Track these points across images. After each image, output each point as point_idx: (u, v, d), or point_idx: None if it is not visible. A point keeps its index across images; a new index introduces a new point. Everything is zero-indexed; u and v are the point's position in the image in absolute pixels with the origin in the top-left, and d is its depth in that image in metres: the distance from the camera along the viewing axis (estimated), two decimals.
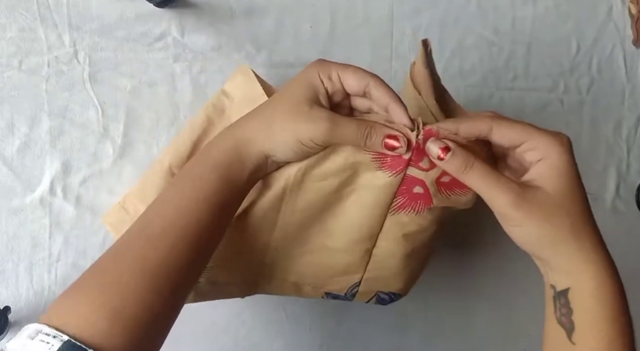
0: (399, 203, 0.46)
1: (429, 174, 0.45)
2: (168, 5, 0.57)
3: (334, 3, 0.61)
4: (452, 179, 0.45)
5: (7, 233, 0.56)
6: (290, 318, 0.63)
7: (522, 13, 0.66)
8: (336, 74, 0.43)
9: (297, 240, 0.49)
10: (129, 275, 0.37)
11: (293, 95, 0.42)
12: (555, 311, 0.40)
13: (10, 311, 0.54)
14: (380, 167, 0.44)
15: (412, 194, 0.46)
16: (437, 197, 0.46)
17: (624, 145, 0.69)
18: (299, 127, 0.41)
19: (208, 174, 0.41)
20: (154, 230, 0.39)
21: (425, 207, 0.46)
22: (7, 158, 0.56)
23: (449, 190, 0.46)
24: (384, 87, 0.43)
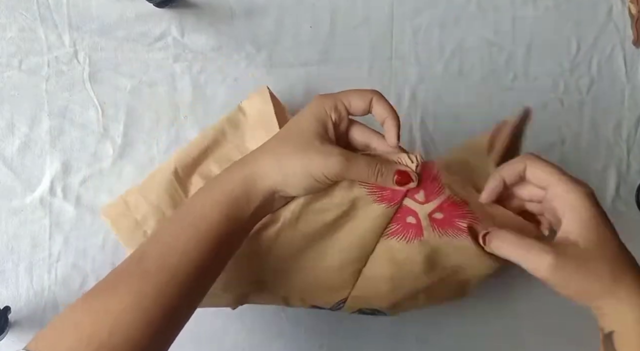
0: (392, 229, 0.48)
1: (424, 207, 0.46)
2: (168, 5, 0.57)
3: (334, 3, 0.61)
4: (444, 217, 0.46)
5: (7, 233, 0.56)
6: (290, 319, 0.63)
7: (522, 13, 0.66)
8: (341, 102, 0.44)
9: (291, 263, 0.50)
10: (122, 309, 0.36)
11: (303, 131, 0.43)
12: None
13: (10, 311, 0.54)
14: (376, 199, 0.46)
15: (405, 223, 0.47)
16: (429, 231, 0.47)
17: (624, 145, 0.69)
18: (312, 162, 0.42)
19: (210, 212, 0.41)
20: (150, 266, 0.38)
21: (416, 238, 0.47)
22: (7, 158, 0.56)
23: (440, 227, 0.46)
24: (384, 102, 0.45)
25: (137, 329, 0.36)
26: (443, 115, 0.64)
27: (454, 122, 0.65)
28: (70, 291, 0.57)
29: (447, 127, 0.64)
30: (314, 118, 0.43)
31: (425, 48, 0.64)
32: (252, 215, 0.43)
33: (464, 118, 0.65)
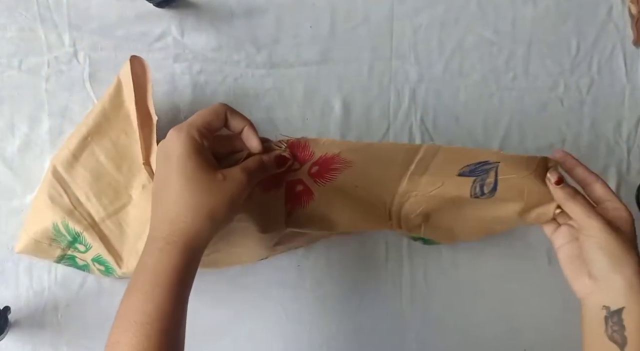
0: (290, 206, 0.54)
1: (302, 170, 0.53)
2: (168, 5, 0.57)
3: (334, 3, 0.61)
4: (320, 167, 0.54)
5: (7, 233, 0.56)
6: (290, 318, 0.63)
7: (522, 13, 0.66)
8: (202, 127, 0.46)
9: None
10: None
11: (194, 172, 0.44)
12: (606, 329, 0.48)
13: (10, 311, 0.54)
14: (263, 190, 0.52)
15: (295, 193, 0.54)
16: (315, 187, 0.54)
17: (624, 145, 0.69)
18: (226, 196, 0.45)
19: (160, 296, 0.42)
20: None
21: (309, 200, 0.54)
22: (7, 158, 0.56)
23: (319, 177, 0.54)
24: (237, 114, 0.49)
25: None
26: (443, 115, 0.64)
27: (454, 122, 0.65)
28: (70, 291, 0.57)
29: (447, 127, 0.64)
30: (194, 154, 0.44)
31: (425, 48, 0.64)
32: (196, 261, 0.45)
33: (464, 118, 0.65)
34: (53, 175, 0.52)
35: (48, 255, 0.54)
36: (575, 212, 0.51)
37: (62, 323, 0.58)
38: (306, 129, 0.61)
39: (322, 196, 0.55)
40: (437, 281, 0.66)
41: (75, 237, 0.52)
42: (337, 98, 0.62)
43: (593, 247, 0.50)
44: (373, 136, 0.63)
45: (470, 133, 0.65)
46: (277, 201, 0.53)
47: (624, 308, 0.48)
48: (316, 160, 0.53)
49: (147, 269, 0.43)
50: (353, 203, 0.56)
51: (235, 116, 0.49)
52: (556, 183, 0.52)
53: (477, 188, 0.54)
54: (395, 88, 0.63)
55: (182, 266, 0.43)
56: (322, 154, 0.53)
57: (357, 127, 0.62)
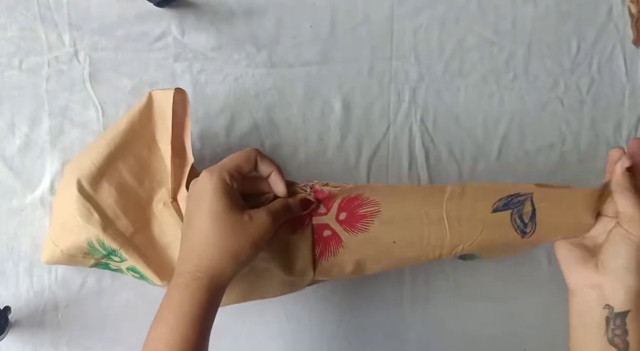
0: (317, 252, 0.53)
1: (329, 215, 0.53)
2: (168, 4, 0.57)
3: (334, 3, 0.61)
4: (348, 214, 0.53)
5: (7, 233, 0.56)
6: (290, 319, 0.63)
7: (522, 13, 0.66)
8: (233, 170, 0.48)
9: None
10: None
11: (223, 214, 0.46)
12: (607, 331, 0.46)
13: (11, 311, 0.54)
14: (291, 231, 0.53)
15: (323, 238, 0.53)
16: (344, 235, 0.53)
17: (624, 145, 0.69)
18: (251, 237, 0.47)
19: (184, 329, 0.44)
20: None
21: (338, 246, 0.53)
22: (7, 158, 0.56)
23: (349, 226, 0.53)
24: (266, 159, 0.51)
25: None
26: (443, 115, 0.64)
27: (454, 122, 0.65)
28: (70, 291, 0.57)
29: (447, 127, 0.64)
30: (224, 196, 0.47)
31: (425, 48, 0.64)
32: None
33: (464, 118, 0.65)
34: (79, 190, 0.51)
35: (81, 264, 0.54)
36: (629, 203, 0.48)
37: (62, 323, 0.58)
38: (306, 129, 0.61)
39: (354, 246, 0.53)
40: (438, 281, 0.66)
41: (110, 252, 0.52)
42: (337, 99, 0.62)
43: (624, 241, 0.47)
44: (373, 136, 0.63)
45: (470, 133, 0.65)
46: (304, 242, 0.53)
47: (630, 311, 0.46)
48: (340, 202, 0.53)
49: (173, 302, 0.45)
50: (393, 260, 0.54)
51: (265, 161, 0.51)
52: (627, 170, 0.48)
53: (517, 220, 0.51)
54: (395, 88, 0.63)
55: (206, 302, 0.45)
56: (344, 196, 0.53)
57: (357, 127, 0.62)
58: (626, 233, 0.47)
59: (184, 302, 0.45)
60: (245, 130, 0.60)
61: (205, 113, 0.59)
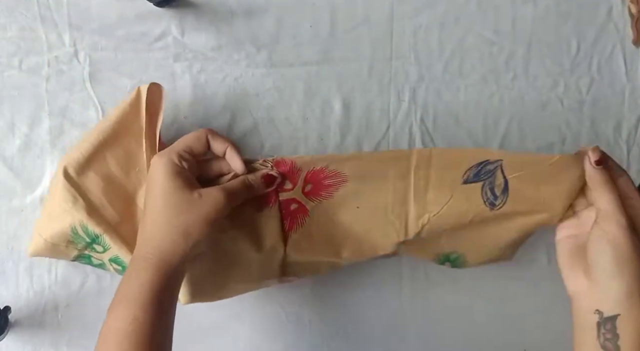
0: (286, 226, 0.54)
1: (296, 190, 0.54)
2: (168, 4, 0.57)
3: (334, 3, 0.61)
4: (314, 185, 0.54)
5: (7, 233, 0.56)
6: (290, 318, 0.63)
7: (522, 13, 0.66)
8: (182, 151, 0.49)
9: None
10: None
11: (171, 194, 0.47)
12: (598, 336, 0.45)
13: (10, 311, 0.54)
14: (257, 209, 0.53)
15: (290, 211, 0.55)
16: (310, 204, 0.55)
17: (624, 145, 0.69)
18: (202, 214, 0.47)
19: (137, 310, 0.44)
20: None
21: (305, 215, 0.55)
22: (7, 158, 0.56)
23: (314, 195, 0.55)
24: (219, 137, 0.51)
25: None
26: (443, 115, 0.64)
27: (454, 122, 0.65)
28: (70, 291, 0.57)
29: (447, 127, 0.64)
30: (172, 176, 0.47)
31: (425, 48, 0.64)
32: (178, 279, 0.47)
33: (464, 118, 0.65)
34: (65, 177, 0.51)
35: (64, 255, 0.54)
36: (603, 199, 0.47)
37: (62, 323, 0.58)
38: (306, 129, 0.61)
39: (319, 215, 0.55)
40: (438, 281, 0.66)
41: (94, 238, 0.52)
42: (337, 98, 0.62)
43: (602, 241, 0.46)
44: (373, 136, 0.63)
45: (470, 133, 0.65)
46: (272, 219, 0.54)
47: (619, 315, 0.45)
48: (305, 175, 0.54)
49: (126, 285, 0.46)
50: (357, 226, 0.55)
51: (217, 139, 0.51)
52: (596, 163, 0.47)
53: (487, 193, 0.52)
54: (395, 88, 0.63)
55: (157, 283, 0.45)
56: (309, 169, 0.54)
57: (357, 127, 0.62)
58: (604, 233, 0.46)
59: (135, 284, 0.45)
60: (245, 130, 0.60)
61: (205, 113, 0.59)
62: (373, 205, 0.54)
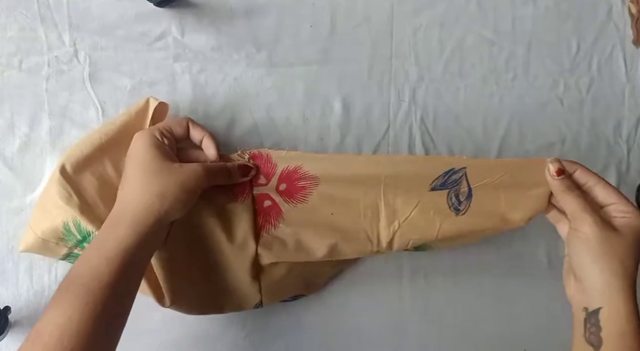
0: (259, 224, 0.55)
1: (269, 186, 0.56)
2: (168, 4, 0.57)
3: (334, 3, 0.61)
4: (287, 185, 0.56)
5: (7, 233, 0.56)
6: (290, 318, 0.63)
7: (522, 13, 0.66)
8: (163, 128, 0.51)
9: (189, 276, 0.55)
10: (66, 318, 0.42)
11: (150, 162, 0.48)
12: (585, 332, 0.47)
13: (11, 311, 0.54)
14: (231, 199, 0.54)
15: (263, 208, 0.55)
16: (285, 206, 0.56)
17: (624, 145, 0.69)
18: (179, 179, 0.48)
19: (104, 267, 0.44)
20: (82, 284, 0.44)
21: (279, 217, 0.55)
22: (7, 158, 0.56)
23: (289, 197, 0.56)
24: (198, 125, 0.54)
25: (81, 330, 0.42)
26: (443, 114, 0.64)
27: (454, 122, 0.65)
28: None
29: (447, 127, 0.64)
30: (153, 148, 0.49)
31: (425, 48, 0.64)
32: (147, 249, 0.48)
33: (464, 118, 0.65)
34: (61, 173, 0.51)
35: (53, 253, 0.54)
36: (569, 205, 0.50)
37: None
38: (306, 129, 0.61)
39: (294, 218, 0.55)
40: (437, 281, 0.66)
41: (85, 236, 0.52)
42: (337, 98, 0.62)
43: (576, 242, 0.49)
44: (373, 136, 0.63)
45: (470, 133, 0.65)
46: (245, 211, 0.54)
47: (601, 308, 0.46)
48: (280, 173, 0.56)
49: (96, 242, 0.46)
50: (332, 232, 0.55)
51: (196, 127, 0.53)
52: (557, 174, 0.50)
53: (452, 198, 0.55)
54: (395, 88, 0.63)
55: (129, 240, 0.45)
56: (284, 167, 0.56)
57: (357, 127, 0.62)
58: (575, 233, 0.49)
59: (106, 241, 0.45)
60: (245, 130, 0.60)
61: (205, 113, 0.59)
62: (347, 212, 0.55)
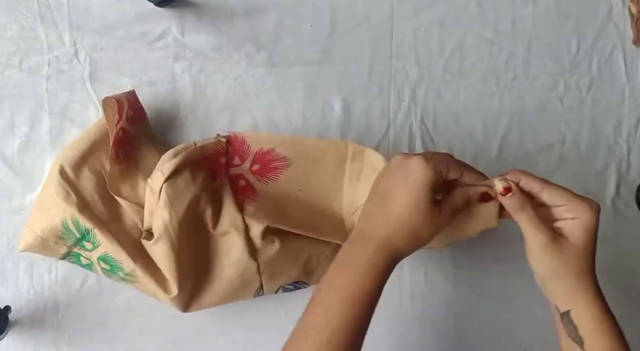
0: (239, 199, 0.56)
1: (243, 166, 0.57)
2: (168, 4, 0.57)
3: (334, 3, 0.61)
4: (260, 165, 0.58)
5: (7, 233, 0.56)
6: (290, 317, 0.63)
7: (522, 13, 0.66)
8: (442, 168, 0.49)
9: None
10: None
11: (425, 204, 0.48)
12: (565, 328, 0.50)
13: (11, 311, 0.54)
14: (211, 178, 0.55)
15: (238, 187, 0.57)
16: (257, 185, 0.58)
17: (624, 145, 0.69)
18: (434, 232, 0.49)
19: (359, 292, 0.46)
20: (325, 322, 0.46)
21: (253, 196, 0.57)
22: (7, 157, 0.56)
23: (261, 176, 0.58)
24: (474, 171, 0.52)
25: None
26: (443, 115, 0.64)
27: (454, 122, 0.65)
28: (70, 291, 0.57)
29: (447, 127, 0.65)
30: (431, 189, 0.48)
31: (425, 48, 0.64)
32: None
33: (464, 118, 0.65)
34: (60, 173, 0.52)
35: (52, 253, 0.54)
36: (520, 223, 0.50)
37: (63, 322, 0.58)
38: (306, 129, 0.61)
39: (267, 195, 0.57)
40: (437, 281, 0.66)
41: (84, 234, 0.52)
42: (337, 98, 0.62)
43: (532, 259, 0.50)
44: (373, 136, 0.63)
45: (470, 134, 0.65)
46: (226, 190, 0.56)
47: (569, 310, 0.49)
48: (254, 154, 0.57)
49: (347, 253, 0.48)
50: (302, 207, 0.58)
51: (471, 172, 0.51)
52: (504, 193, 0.50)
53: None
54: (395, 88, 0.63)
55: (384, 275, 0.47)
56: (257, 149, 0.57)
57: (357, 126, 0.62)
58: (529, 248, 0.50)
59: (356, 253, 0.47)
60: (246, 130, 0.60)
61: (205, 114, 0.59)
62: (313, 189, 0.59)
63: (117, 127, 0.52)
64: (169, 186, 0.51)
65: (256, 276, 0.56)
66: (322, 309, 0.46)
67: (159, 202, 0.52)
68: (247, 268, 0.55)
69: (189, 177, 0.53)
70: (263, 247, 0.55)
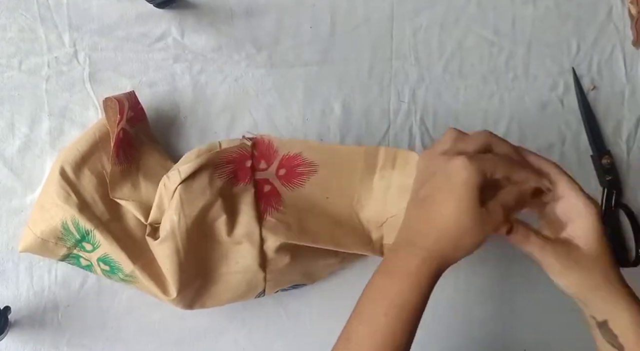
0: (261, 207, 0.55)
1: (269, 171, 0.56)
2: (168, 5, 0.57)
3: (334, 3, 0.61)
4: (287, 171, 0.57)
5: (7, 233, 0.56)
6: (290, 317, 0.63)
7: (522, 13, 0.66)
8: (489, 166, 0.46)
9: None
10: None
11: (473, 208, 0.45)
12: (603, 336, 0.49)
13: (10, 311, 0.54)
14: (235, 182, 0.54)
15: (263, 193, 0.56)
16: (282, 190, 0.56)
17: (624, 145, 0.69)
18: (481, 236, 0.45)
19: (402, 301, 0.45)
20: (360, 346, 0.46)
21: (279, 200, 0.56)
22: (7, 158, 0.56)
23: (287, 181, 0.57)
24: (523, 170, 0.49)
25: None
26: (443, 115, 0.64)
27: (454, 122, 0.65)
28: (70, 291, 0.57)
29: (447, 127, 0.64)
30: (477, 189, 0.45)
31: (425, 48, 0.64)
32: None
33: (464, 118, 0.65)
34: (60, 174, 0.52)
35: (52, 254, 0.54)
36: (530, 251, 0.48)
37: (63, 323, 0.58)
38: (306, 129, 0.61)
39: (292, 201, 0.56)
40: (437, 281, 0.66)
41: (84, 235, 0.52)
42: (337, 99, 0.62)
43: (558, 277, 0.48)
44: (373, 136, 0.63)
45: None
46: (248, 196, 0.54)
47: (607, 320, 0.48)
48: (281, 159, 0.57)
49: (391, 260, 0.47)
50: (326, 216, 0.56)
51: (521, 171, 0.48)
52: (507, 234, 0.48)
53: None
54: (395, 89, 0.63)
55: (429, 286, 0.46)
56: (284, 153, 0.56)
57: (357, 127, 0.62)
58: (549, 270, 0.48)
59: (399, 261, 0.46)
60: (245, 131, 0.60)
61: (205, 114, 0.59)
62: (340, 198, 0.57)
63: (118, 128, 0.52)
64: (183, 188, 0.51)
65: (261, 283, 0.56)
66: (365, 323, 0.46)
67: (171, 202, 0.51)
68: (254, 276, 0.55)
69: (206, 181, 0.52)
70: (274, 258, 0.55)
